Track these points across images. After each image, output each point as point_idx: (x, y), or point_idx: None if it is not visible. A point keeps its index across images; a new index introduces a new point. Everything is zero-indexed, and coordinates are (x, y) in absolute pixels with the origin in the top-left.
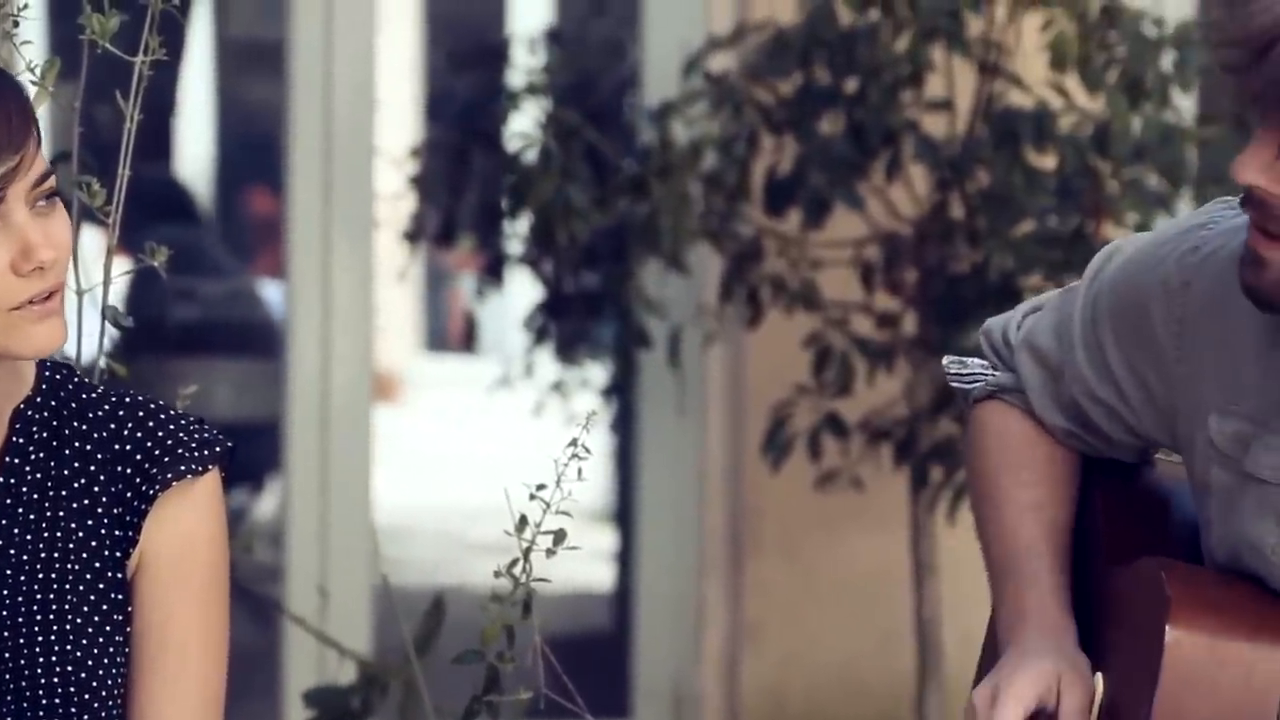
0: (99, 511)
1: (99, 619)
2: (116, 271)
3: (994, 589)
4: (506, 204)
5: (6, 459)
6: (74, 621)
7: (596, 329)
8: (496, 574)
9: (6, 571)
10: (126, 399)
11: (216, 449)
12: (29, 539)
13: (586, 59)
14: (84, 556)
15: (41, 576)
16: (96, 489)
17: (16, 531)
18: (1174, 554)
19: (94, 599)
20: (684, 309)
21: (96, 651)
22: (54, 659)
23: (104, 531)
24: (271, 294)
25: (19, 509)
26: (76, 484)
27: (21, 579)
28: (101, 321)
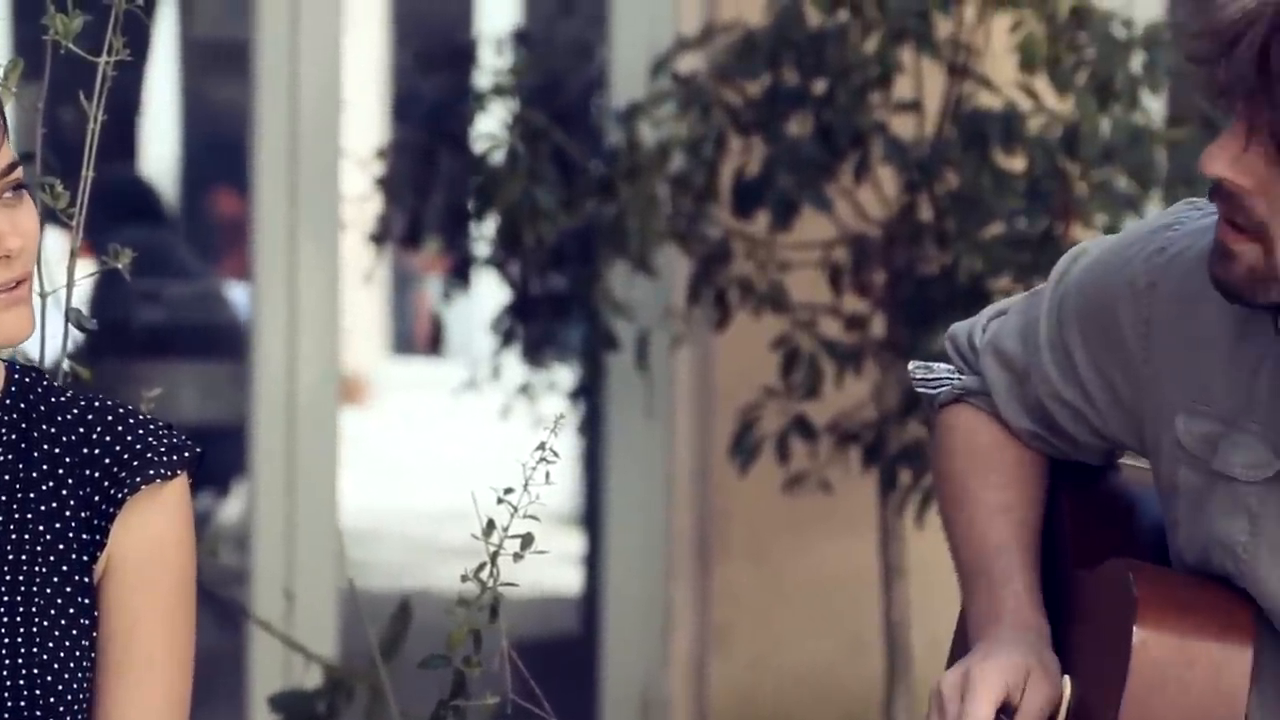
0: (67, 515)
1: (65, 622)
2: (80, 274)
3: (964, 590)
4: (473, 206)
5: None
6: (40, 625)
7: (564, 331)
8: (463, 578)
9: None
10: (96, 403)
11: (185, 454)
12: None
13: (554, 60)
14: (51, 560)
15: (9, 579)
16: (65, 492)
17: None
18: (1141, 557)
19: (61, 602)
20: (652, 311)
21: (63, 655)
22: (20, 662)
23: (72, 535)
24: (237, 296)
25: None
26: (44, 487)
27: None
28: (65, 324)
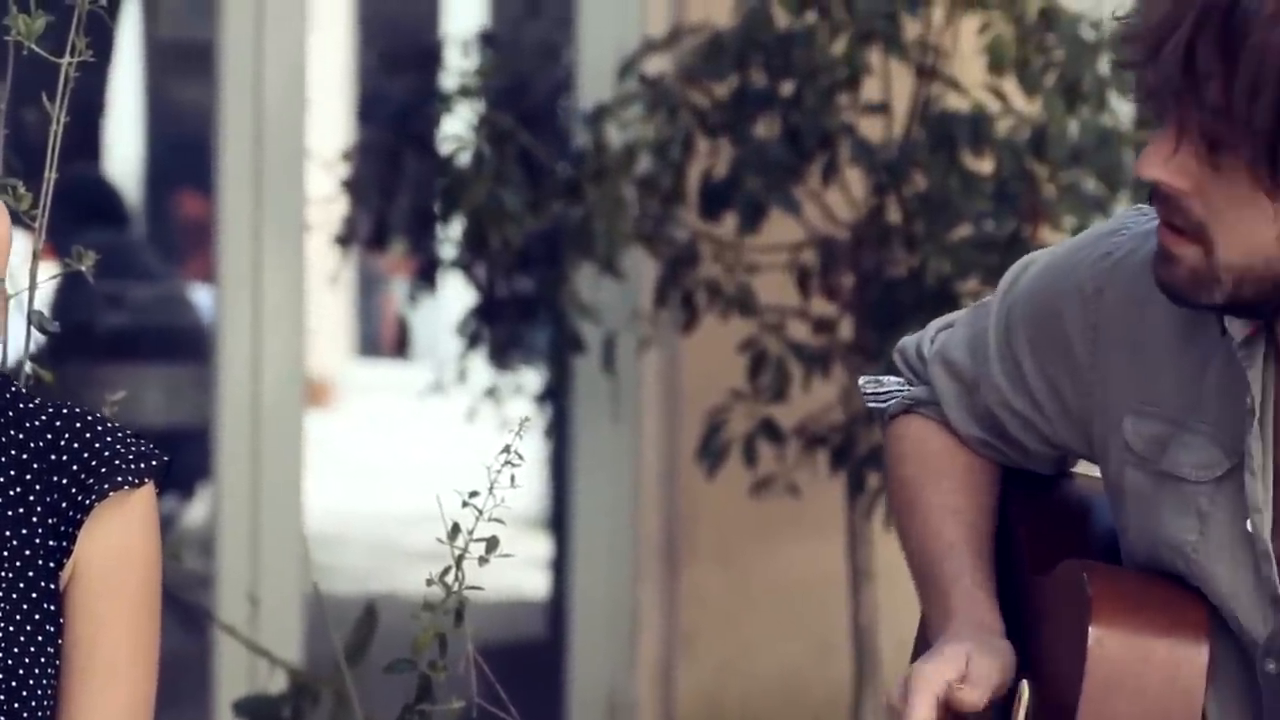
0: (34, 521)
1: (31, 628)
2: (43, 276)
3: (920, 594)
4: (439, 207)
5: None
6: (5, 630)
7: (530, 334)
8: (429, 582)
9: None
10: (64, 410)
11: (153, 462)
12: None
13: (520, 61)
14: (17, 565)
15: None
16: (32, 498)
17: None
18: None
19: (26, 608)
20: (618, 314)
21: (28, 661)
22: None
23: (38, 541)
24: (201, 298)
25: None
26: (11, 493)
27: None
28: (27, 326)
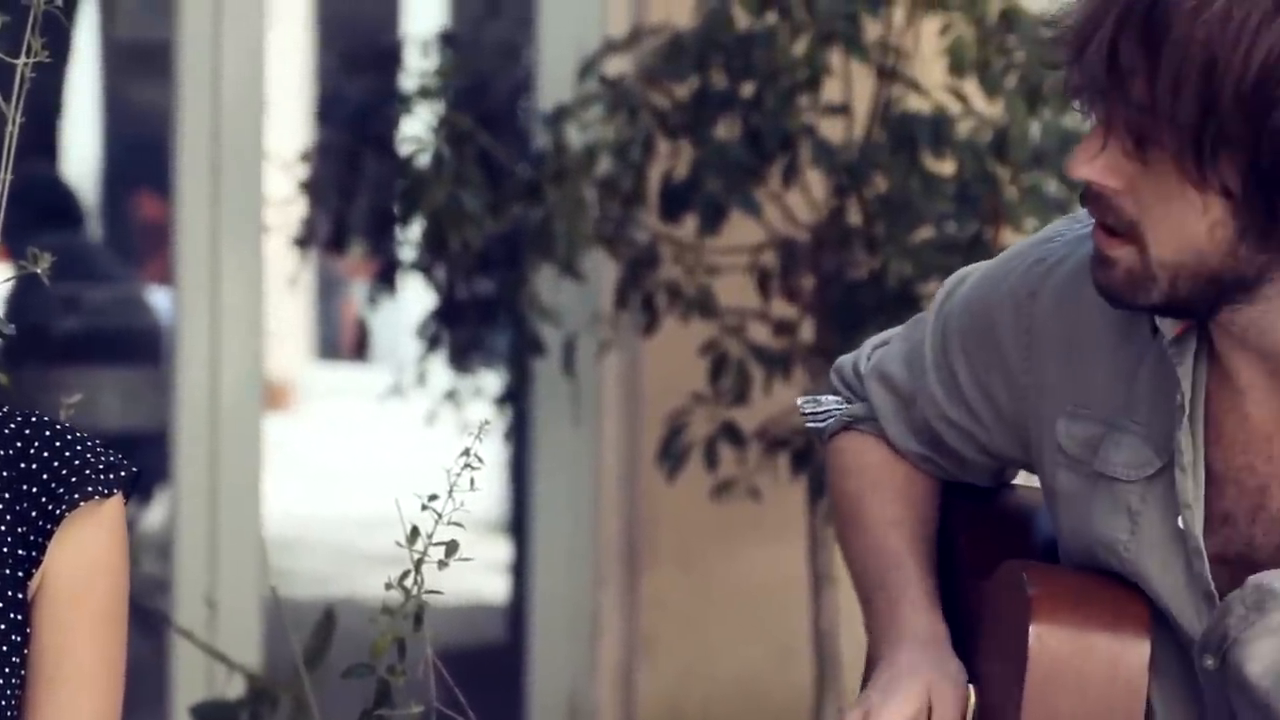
0: (2, 530)
1: None
2: None
3: (865, 606)
4: (399, 209)
5: None
6: None
7: (490, 336)
8: (387, 586)
9: None
10: (33, 419)
11: (122, 473)
12: None
13: (480, 62)
14: None
15: None
16: (0, 507)
17: None
18: None
19: None
20: (579, 316)
21: None
22: None
23: (7, 551)
24: (159, 300)
25: None
26: None
27: None
28: None
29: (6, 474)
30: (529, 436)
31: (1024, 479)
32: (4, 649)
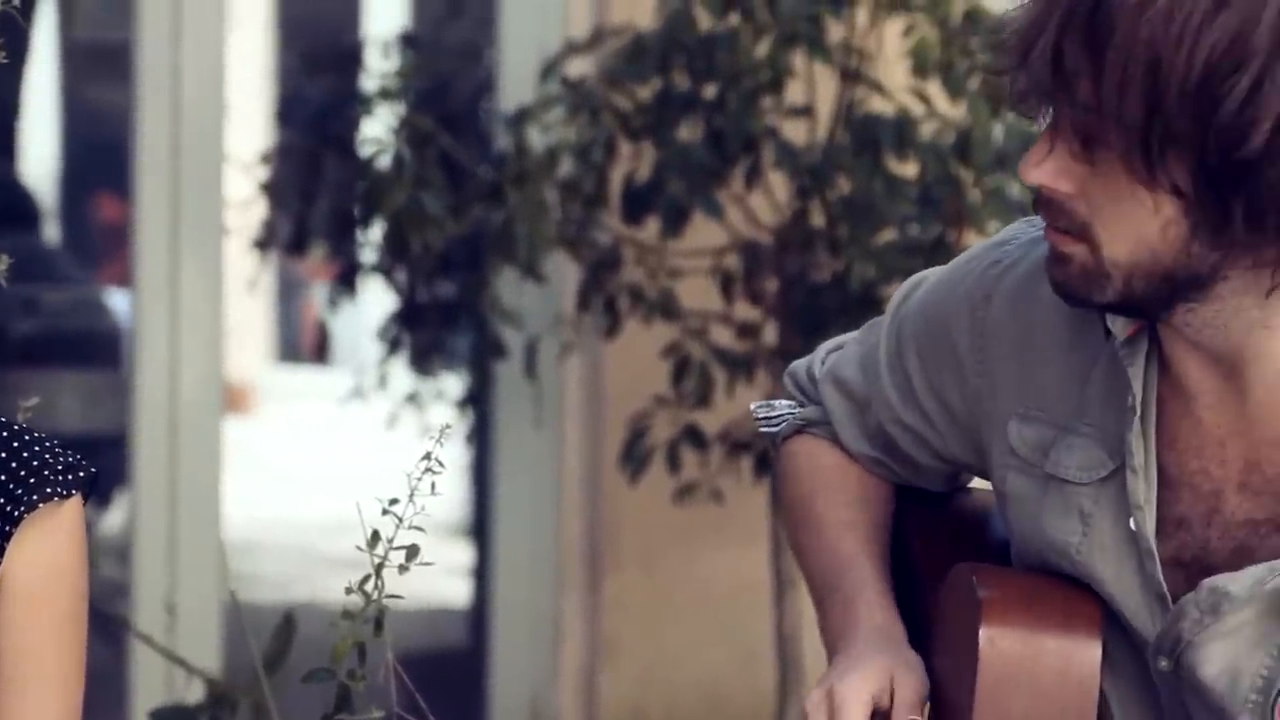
0: None
1: None
2: None
3: (819, 609)
4: (359, 211)
5: None
6: None
7: (451, 339)
8: (348, 590)
9: None
10: None
11: (81, 474)
12: None
13: (442, 63)
14: None
15: None
16: None
17: None
18: None
19: None
20: (541, 319)
21: None
22: None
23: None
24: (118, 303)
25: None
26: None
27: None
28: None
29: None
30: (490, 439)
31: (979, 482)
32: None
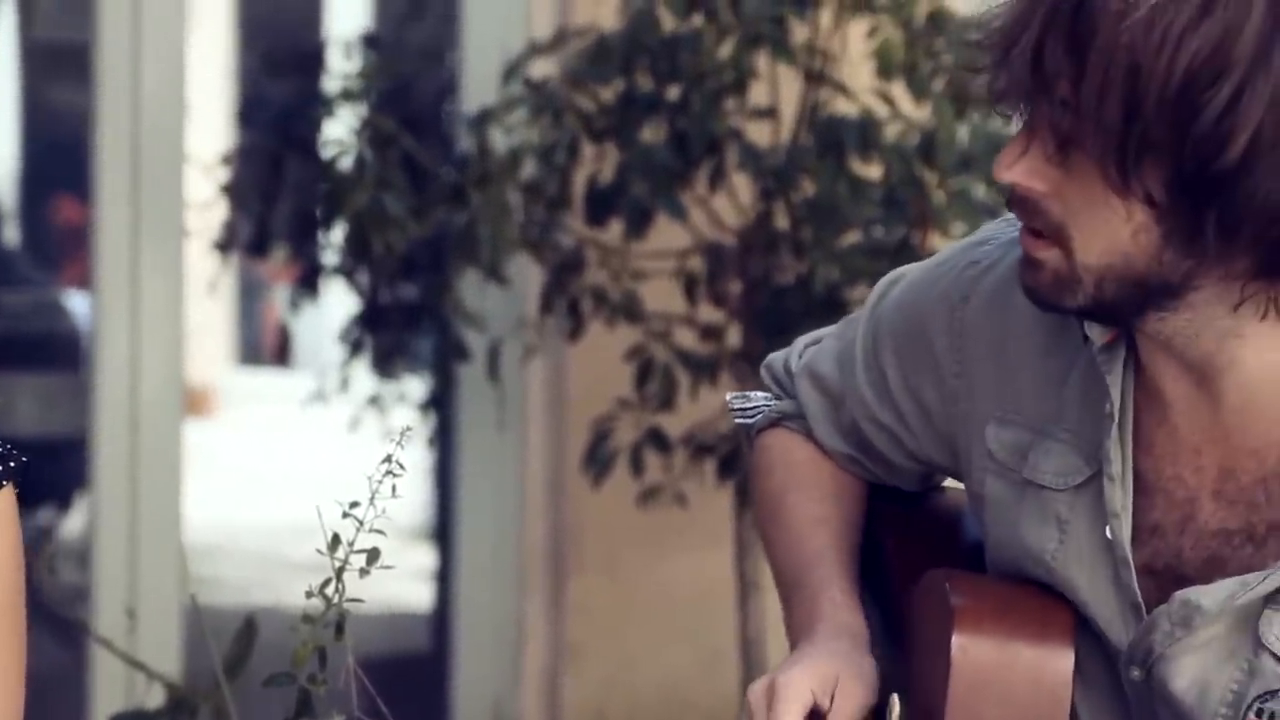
0: None
1: None
2: None
3: (784, 603)
4: (321, 213)
5: None
6: None
7: (414, 342)
8: (308, 594)
9: None
10: None
11: (12, 464)
12: None
13: (404, 64)
14: None
15: None
16: None
17: None
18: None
19: None
20: (504, 321)
21: None
22: None
23: None
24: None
25: None
26: None
27: None
28: None
29: None
30: (453, 442)
31: (952, 482)
32: None
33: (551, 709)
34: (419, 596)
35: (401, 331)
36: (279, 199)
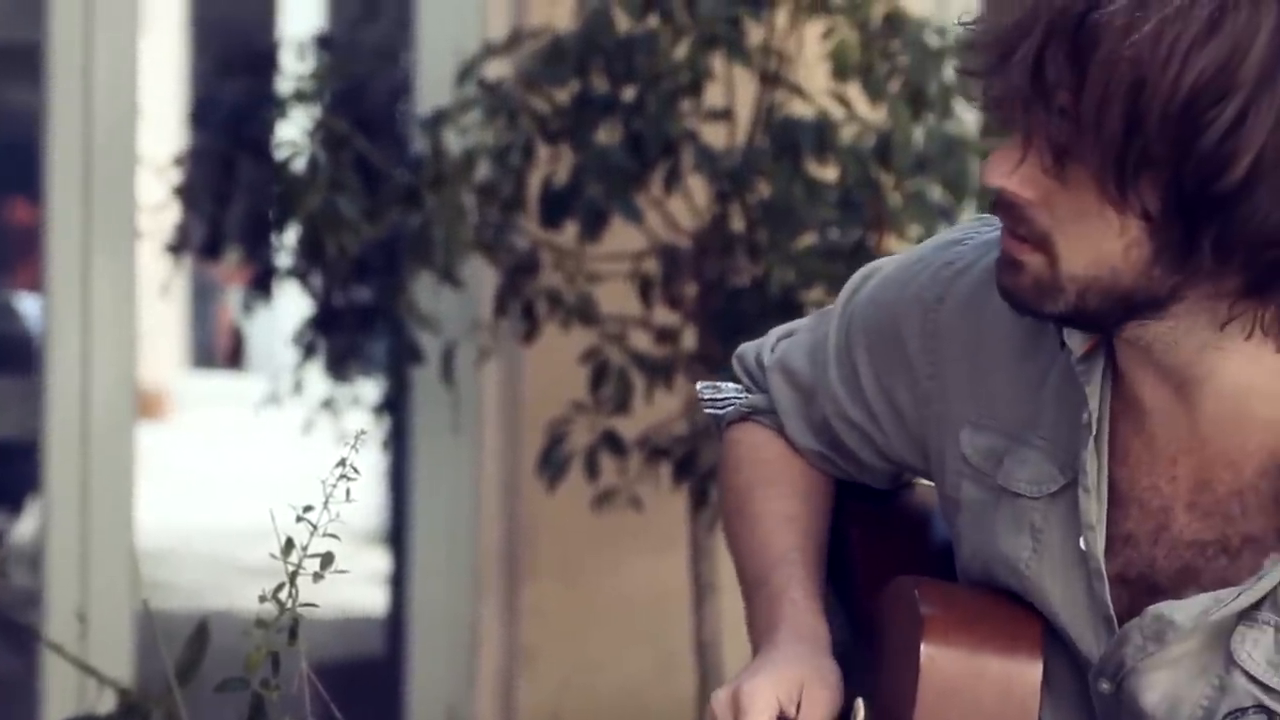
0: None
1: None
2: None
3: (747, 602)
4: (274, 215)
5: None
6: None
7: (368, 344)
8: (261, 599)
9: None
10: None
11: None
12: None
13: (358, 65)
14: None
15: None
16: None
17: None
18: (930, 575)
19: None
20: (458, 323)
21: None
22: None
23: None
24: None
25: None
26: None
27: None
28: None
29: None
30: (408, 445)
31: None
32: None
33: (506, 713)
34: (373, 600)
35: (355, 334)
36: (232, 201)
